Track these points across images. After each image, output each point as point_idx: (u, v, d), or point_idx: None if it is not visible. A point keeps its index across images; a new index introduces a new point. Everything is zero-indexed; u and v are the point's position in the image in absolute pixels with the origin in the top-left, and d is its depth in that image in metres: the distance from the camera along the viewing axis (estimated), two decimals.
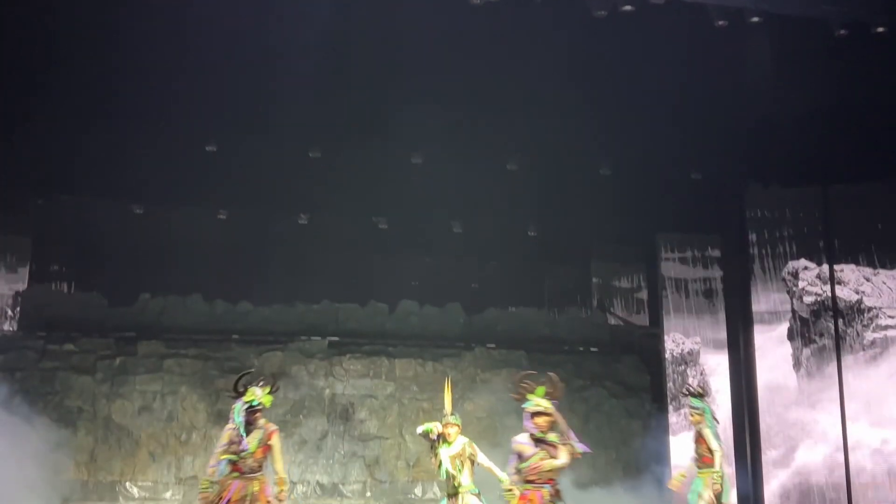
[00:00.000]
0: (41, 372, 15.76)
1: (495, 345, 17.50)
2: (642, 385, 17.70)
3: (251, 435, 8.03)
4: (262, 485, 7.96)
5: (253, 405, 8.09)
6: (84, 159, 15.47)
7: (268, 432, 8.05)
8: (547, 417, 7.40)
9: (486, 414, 16.48)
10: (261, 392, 8.17)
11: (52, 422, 15.52)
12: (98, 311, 16.58)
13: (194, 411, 16.09)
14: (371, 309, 17.60)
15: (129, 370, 16.13)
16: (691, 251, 16.79)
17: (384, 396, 16.86)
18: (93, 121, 14.75)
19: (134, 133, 15.03)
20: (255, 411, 8.08)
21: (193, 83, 13.71)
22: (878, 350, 14.30)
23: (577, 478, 16.06)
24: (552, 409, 7.45)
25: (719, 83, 13.79)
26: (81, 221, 16.30)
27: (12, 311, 16.44)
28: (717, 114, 14.42)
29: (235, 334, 16.79)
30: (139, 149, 15.24)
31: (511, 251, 17.74)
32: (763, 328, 14.97)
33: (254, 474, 7.98)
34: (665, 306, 16.79)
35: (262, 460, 8.02)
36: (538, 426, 7.36)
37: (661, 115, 14.16)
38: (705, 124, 14.59)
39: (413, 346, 17.25)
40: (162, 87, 13.84)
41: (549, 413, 7.41)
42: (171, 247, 16.45)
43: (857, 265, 14.64)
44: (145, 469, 15.79)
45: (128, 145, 15.20)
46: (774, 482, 14.54)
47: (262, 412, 8.12)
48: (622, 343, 18.08)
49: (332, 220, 17.20)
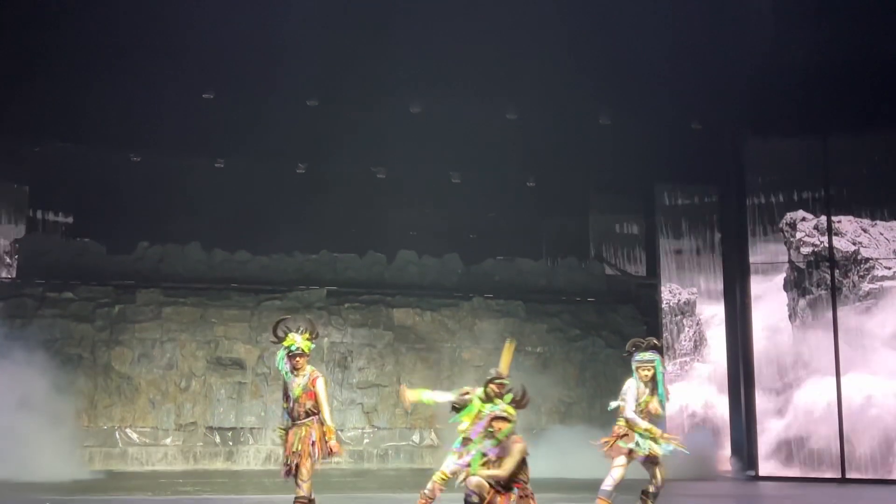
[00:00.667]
0: (40, 319, 15.81)
1: (493, 295, 17.57)
2: (638, 335, 17.73)
3: (296, 381, 8.12)
4: (309, 430, 8.00)
5: (292, 350, 8.12)
6: (82, 107, 15.41)
7: (311, 378, 8.07)
8: (508, 424, 7.45)
9: (483, 363, 16.59)
10: (300, 338, 8.16)
11: (51, 369, 15.60)
12: (96, 260, 16.59)
13: (193, 359, 16.19)
14: (369, 259, 17.65)
15: (129, 318, 16.19)
16: (689, 202, 16.80)
17: (382, 345, 16.97)
18: (90, 69, 14.67)
19: (132, 81, 14.95)
20: (295, 356, 8.11)
21: (191, 31, 13.62)
22: (874, 300, 14.39)
23: (571, 426, 16.26)
24: (515, 418, 7.51)
25: (721, 34, 13.73)
26: (79, 169, 16.27)
27: (11, 259, 16.46)
28: (717, 64, 14.37)
29: (234, 283, 16.83)
30: (137, 97, 15.18)
31: (509, 202, 17.74)
32: (759, 279, 15.04)
33: (303, 420, 8.04)
34: (662, 257, 16.86)
35: (309, 407, 8.05)
36: (497, 430, 7.42)
37: (662, 64, 14.10)
38: (706, 74, 14.54)
39: (411, 295, 17.32)
40: (160, 34, 13.76)
41: (511, 421, 7.47)
42: (169, 195, 16.44)
43: (855, 216, 14.67)
44: (145, 415, 15.92)
45: (125, 93, 15.14)
46: (769, 430, 14.70)
47: (304, 357, 8.13)
48: (619, 293, 18.16)
49: (330, 170, 17.18)
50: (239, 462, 15.94)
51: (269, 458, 15.89)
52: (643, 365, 8.90)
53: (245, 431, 16.17)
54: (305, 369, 8.11)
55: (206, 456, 15.96)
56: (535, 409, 16.51)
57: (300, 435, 8.02)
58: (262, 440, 16.13)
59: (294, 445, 7.98)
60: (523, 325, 17.48)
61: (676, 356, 16.55)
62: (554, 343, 17.50)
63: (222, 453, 16.02)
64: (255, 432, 16.18)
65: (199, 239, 16.99)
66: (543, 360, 17.41)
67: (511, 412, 7.56)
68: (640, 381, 8.86)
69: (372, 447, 16.42)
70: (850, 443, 14.18)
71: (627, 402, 8.78)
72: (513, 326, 17.42)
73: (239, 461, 15.95)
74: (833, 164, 14.82)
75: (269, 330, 8.29)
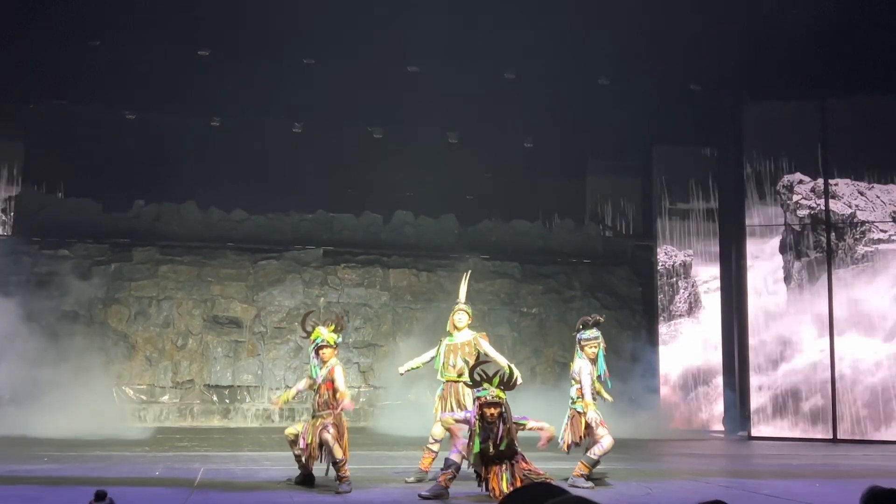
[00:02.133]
0: (36, 276, 15.81)
1: (489, 256, 17.59)
2: (633, 296, 17.90)
3: (320, 373, 8.35)
4: (324, 419, 8.11)
5: (318, 342, 8.36)
6: (77, 64, 15.29)
7: (331, 368, 8.24)
8: (498, 409, 7.59)
9: (479, 324, 16.59)
10: (326, 331, 8.42)
11: (48, 326, 15.65)
12: (92, 217, 16.56)
13: (190, 317, 16.23)
14: (366, 219, 17.63)
15: (125, 276, 16.21)
16: (686, 164, 16.79)
17: (378, 305, 17.02)
18: (85, 26, 14.54)
19: (126, 38, 14.84)
20: (321, 348, 8.34)
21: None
22: (869, 263, 14.45)
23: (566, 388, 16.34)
24: (505, 401, 7.66)
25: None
26: (75, 127, 16.16)
27: (6, 216, 16.41)
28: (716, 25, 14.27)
29: (230, 242, 16.83)
30: (132, 54, 15.06)
31: (506, 162, 17.70)
32: (756, 241, 15.08)
33: (321, 412, 8.18)
34: (658, 219, 16.88)
35: (327, 398, 8.17)
36: (490, 416, 7.56)
37: (661, 25, 14.02)
38: (704, 36, 14.45)
39: (407, 256, 17.35)
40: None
41: (502, 405, 7.61)
42: (164, 153, 16.34)
43: (852, 179, 14.69)
44: (142, 373, 15.99)
45: (120, 50, 15.02)
46: (762, 392, 14.82)
47: (330, 349, 8.31)
48: (615, 255, 18.20)
49: (326, 129, 17.09)
50: (235, 420, 16.05)
51: (266, 416, 16.01)
52: (589, 342, 8.97)
53: (242, 390, 16.26)
54: (330, 361, 8.23)
55: (203, 413, 16.07)
56: (531, 370, 16.62)
57: (314, 424, 8.15)
58: (258, 398, 16.22)
59: (308, 437, 8.11)
60: (519, 285, 17.53)
61: (671, 318, 16.63)
62: (549, 304, 17.57)
63: (219, 411, 16.12)
64: (252, 390, 16.27)
65: (195, 198, 16.96)
66: (539, 321, 17.48)
67: (501, 395, 7.67)
68: (587, 359, 8.93)
69: (369, 406, 16.54)
70: (842, 404, 14.31)
71: (585, 385, 8.83)
72: (509, 287, 17.48)
73: (235, 419, 16.06)
74: (831, 127, 14.81)
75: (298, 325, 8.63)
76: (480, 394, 7.70)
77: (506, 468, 7.66)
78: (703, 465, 11.24)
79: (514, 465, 7.66)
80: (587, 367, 8.89)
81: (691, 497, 8.24)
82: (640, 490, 8.55)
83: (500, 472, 7.65)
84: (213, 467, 9.79)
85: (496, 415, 7.62)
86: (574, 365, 9.01)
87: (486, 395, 7.65)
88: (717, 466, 11.53)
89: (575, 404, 8.89)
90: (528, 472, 7.66)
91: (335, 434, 8.08)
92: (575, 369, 8.97)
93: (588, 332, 9.03)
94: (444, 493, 7.76)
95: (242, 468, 9.85)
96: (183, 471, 9.48)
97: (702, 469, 10.69)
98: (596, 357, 8.95)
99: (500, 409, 7.64)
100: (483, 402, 7.65)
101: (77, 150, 16.32)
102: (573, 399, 8.92)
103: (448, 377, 9.15)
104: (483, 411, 7.63)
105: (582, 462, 8.74)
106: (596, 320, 9.20)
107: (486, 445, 7.58)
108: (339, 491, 7.96)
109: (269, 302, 16.59)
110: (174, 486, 8.27)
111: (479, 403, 7.71)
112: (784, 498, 7.90)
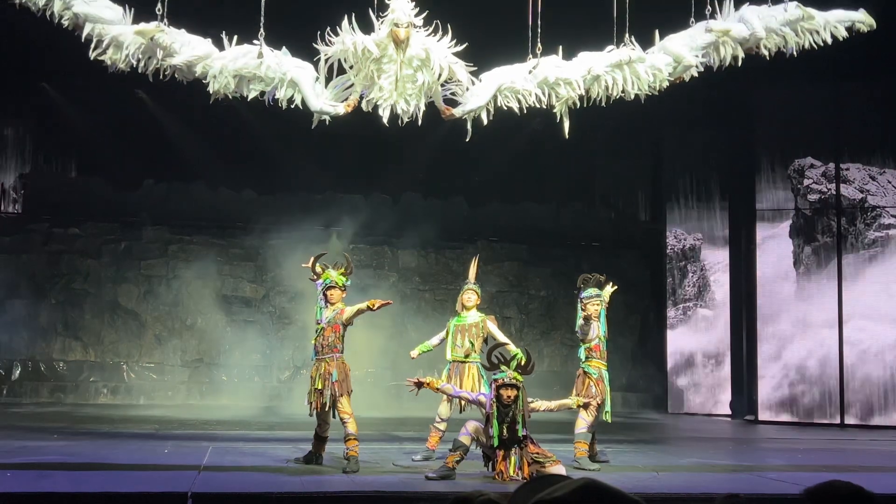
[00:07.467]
0: (47, 255, 15.89)
1: (498, 238, 17.57)
2: (642, 280, 17.86)
3: (325, 314, 8.35)
4: (329, 367, 8.12)
5: (327, 283, 8.33)
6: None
7: (339, 310, 8.26)
8: (515, 392, 7.62)
9: (487, 305, 16.62)
10: (335, 272, 8.41)
11: (58, 304, 15.73)
12: (102, 196, 16.58)
13: (199, 296, 16.28)
14: (375, 200, 17.62)
15: (135, 254, 16.26)
16: (697, 148, 16.69)
17: (387, 286, 17.02)
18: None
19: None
20: (330, 288, 8.32)
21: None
22: (880, 249, 14.39)
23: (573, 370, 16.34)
24: (522, 384, 7.68)
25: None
26: (86, 105, 16.16)
27: (17, 194, 16.46)
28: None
29: (239, 222, 16.84)
30: None
31: (515, 143, 17.61)
32: (765, 225, 15.03)
33: (323, 356, 8.19)
34: (668, 202, 16.82)
35: (332, 341, 8.19)
36: (507, 398, 7.59)
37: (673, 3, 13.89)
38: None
39: (416, 237, 17.33)
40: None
41: (518, 387, 7.63)
42: (174, 133, 16.34)
43: (864, 164, 14.60)
44: (151, 351, 16.07)
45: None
46: (770, 376, 14.81)
47: (338, 290, 8.30)
48: (624, 238, 18.14)
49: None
50: (244, 399, 16.11)
51: (274, 395, 16.05)
52: (591, 300, 8.96)
53: (250, 369, 16.31)
54: (337, 305, 8.25)
55: (212, 392, 16.13)
56: (538, 353, 16.63)
57: (320, 371, 8.16)
58: (267, 378, 16.28)
59: (315, 382, 8.14)
60: (527, 268, 17.52)
61: (680, 301, 16.60)
62: (557, 287, 17.54)
63: (227, 390, 16.17)
64: (261, 370, 16.33)
65: (205, 178, 16.96)
66: (547, 304, 17.48)
67: (518, 378, 7.70)
68: (593, 318, 8.94)
69: (374, 386, 16.55)
70: (851, 389, 14.30)
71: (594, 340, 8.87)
72: (517, 269, 17.47)
73: (244, 398, 16.11)
74: (843, 111, 14.71)
75: (308, 264, 8.58)
76: (498, 376, 7.73)
77: (514, 451, 7.70)
78: (710, 449, 11.26)
79: (524, 448, 7.69)
80: (594, 325, 8.91)
81: (698, 480, 8.27)
82: (646, 473, 8.56)
83: (508, 455, 7.70)
84: (221, 446, 9.84)
85: (512, 397, 7.66)
86: (582, 324, 9.01)
87: (503, 377, 7.69)
88: (723, 450, 11.55)
89: (583, 364, 8.95)
90: (537, 455, 7.69)
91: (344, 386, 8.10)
92: (583, 327, 8.98)
93: (589, 291, 9.03)
94: (451, 475, 7.79)
95: (251, 447, 9.90)
96: (191, 449, 9.53)
97: (709, 452, 10.71)
98: (598, 315, 8.96)
99: (516, 391, 7.67)
100: (500, 384, 7.68)
101: (87, 128, 16.32)
102: (581, 359, 9.00)
103: (455, 357, 9.18)
104: (500, 393, 7.66)
105: (577, 442, 8.74)
106: (597, 279, 9.20)
107: (502, 428, 7.62)
108: (347, 470, 8.00)
109: (278, 282, 16.62)
110: (181, 468, 8.25)
111: (496, 385, 7.73)
112: (790, 482, 7.91)
